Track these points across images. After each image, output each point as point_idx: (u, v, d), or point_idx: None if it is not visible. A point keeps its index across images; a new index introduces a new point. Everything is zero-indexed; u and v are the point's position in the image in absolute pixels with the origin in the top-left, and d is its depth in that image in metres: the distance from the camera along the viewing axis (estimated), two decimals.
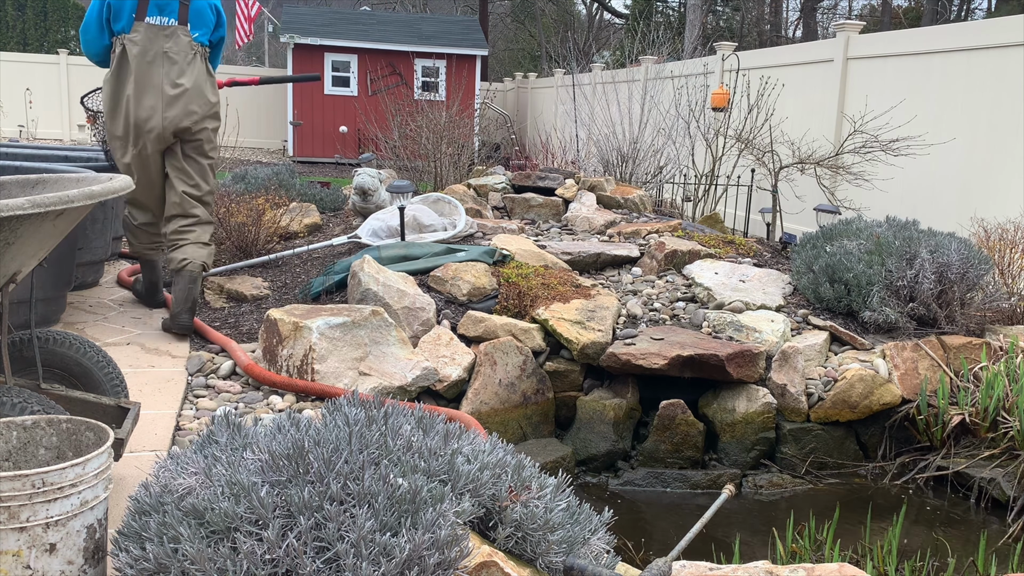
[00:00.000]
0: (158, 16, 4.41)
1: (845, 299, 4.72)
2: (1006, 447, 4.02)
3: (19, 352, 2.65)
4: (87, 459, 1.94)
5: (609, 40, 31.11)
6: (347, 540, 1.73)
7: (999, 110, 6.33)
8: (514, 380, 4.20)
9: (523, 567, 2.00)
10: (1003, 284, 4.98)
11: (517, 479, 2.09)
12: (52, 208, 2.13)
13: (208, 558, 1.72)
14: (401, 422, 2.15)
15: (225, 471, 1.91)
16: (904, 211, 6.03)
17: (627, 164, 8.43)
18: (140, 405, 2.72)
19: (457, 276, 4.70)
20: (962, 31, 7.09)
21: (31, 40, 23.77)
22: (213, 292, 5.19)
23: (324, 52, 17.60)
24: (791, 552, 3.35)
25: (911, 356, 4.45)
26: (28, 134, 17.60)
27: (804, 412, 4.30)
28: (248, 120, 14.44)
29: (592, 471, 4.26)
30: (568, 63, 13.79)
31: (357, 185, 6.63)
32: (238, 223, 5.59)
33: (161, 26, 4.40)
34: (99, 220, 5.10)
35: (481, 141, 14.38)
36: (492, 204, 6.64)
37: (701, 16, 19.29)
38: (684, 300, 4.99)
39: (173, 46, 4.41)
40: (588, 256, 5.34)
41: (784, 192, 7.32)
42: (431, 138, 8.40)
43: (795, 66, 8.93)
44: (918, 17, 24.43)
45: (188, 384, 3.80)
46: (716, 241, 5.72)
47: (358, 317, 3.95)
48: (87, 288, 5.29)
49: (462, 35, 18.62)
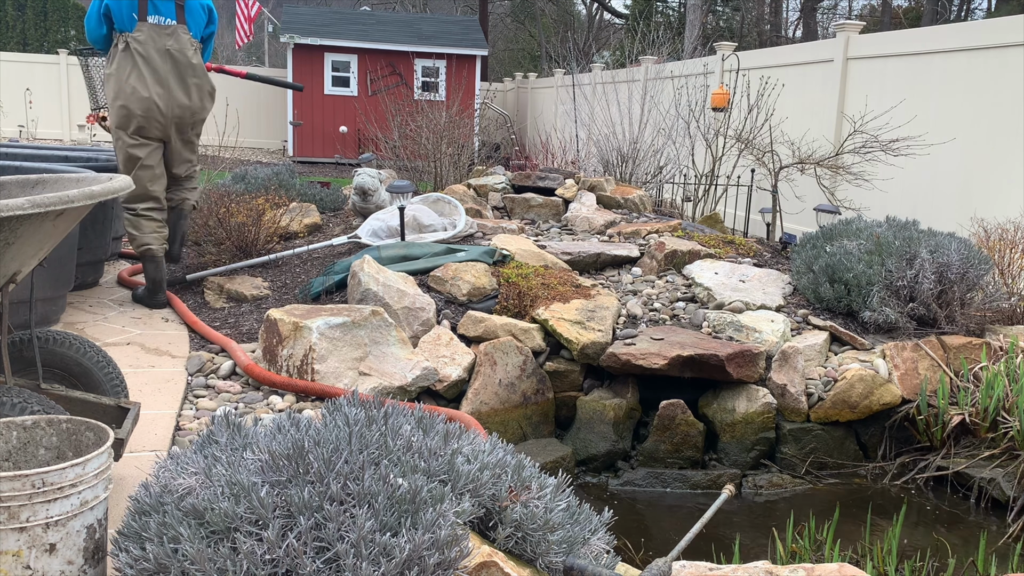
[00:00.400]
0: (157, 16, 4.73)
1: (845, 299, 4.72)
2: (1006, 447, 4.02)
3: (19, 352, 2.65)
4: (87, 459, 1.94)
5: (609, 40, 31.10)
6: (347, 540, 1.73)
7: (999, 110, 6.34)
8: (514, 380, 4.20)
9: (523, 567, 2.00)
10: (1003, 284, 4.98)
11: (517, 479, 2.09)
12: (52, 208, 2.13)
13: (208, 558, 1.72)
14: (401, 422, 2.15)
15: (225, 471, 1.91)
16: (904, 211, 6.03)
17: (627, 164, 8.43)
18: (140, 405, 2.72)
19: (457, 276, 4.70)
20: (962, 31, 7.09)
21: (31, 40, 23.78)
22: (213, 292, 5.19)
23: (324, 52, 17.60)
24: (791, 552, 3.35)
25: (911, 356, 4.45)
26: (28, 134, 17.60)
27: (804, 412, 4.30)
28: (248, 120, 14.44)
29: (592, 471, 4.26)
30: (568, 63, 13.80)
31: (357, 185, 6.63)
32: (238, 223, 5.58)
33: (162, 25, 4.74)
34: (99, 220, 5.10)
35: (481, 141, 14.38)
36: (492, 204, 6.64)
37: (701, 16, 19.30)
38: (684, 300, 4.99)
39: (175, 43, 4.76)
40: (588, 256, 5.34)
41: (784, 192, 7.32)
42: (431, 138, 8.40)
43: (795, 66, 8.93)
44: (918, 17, 24.43)
45: (188, 384, 3.80)
46: (716, 241, 5.72)
47: (358, 317, 3.95)
48: (87, 288, 5.29)
49: (462, 35, 18.62)
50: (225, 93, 9.23)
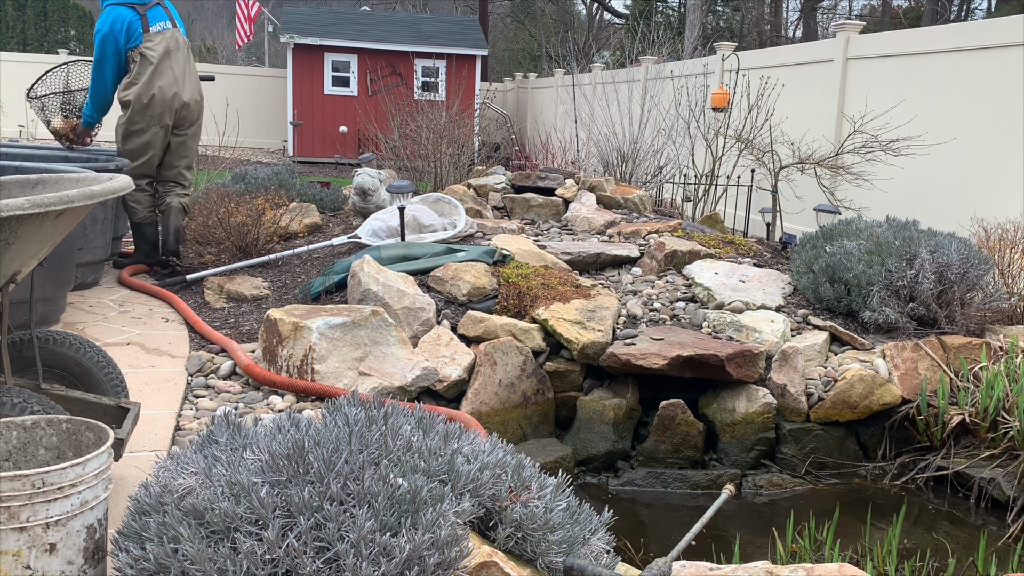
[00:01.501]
0: (157, 23, 5.51)
1: (845, 299, 4.72)
2: (1006, 447, 4.02)
3: (19, 352, 2.65)
4: (87, 459, 1.94)
5: (609, 40, 31.10)
6: (347, 540, 1.73)
7: (999, 110, 6.34)
8: (514, 380, 4.20)
9: (523, 567, 2.00)
10: (1003, 284, 4.98)
11: (517, 479, 2.09)
12: (52, 208, 2.13)
13: (208, 558, 1.72)
14: (401, 422, 2.15)
15: (225, 471, 1.91)
16: (904, 211, 6.03)
17: (627, 164, 8.43)
18: (140, 405, 2.72)
19: (457, 276, 4.70)
20: (962, 31, 7.09)
21: (31, 40, 23.77)
22: (213, 292, 5.19)
23: (324, 52, 17.59)
24: (791, 552, 3.35)
25: (911, 356, 4.45)
26: (28, 134, 17.58)
27: (804, 412, 4.30)
28: (248, 120, 14.44)
29: (592, 471, 4.26)
30: (568, 63, 13.80)
31: (357, 185, 6.63)
32: (238, 223, 5.58)
33: (163, 31, 5.52)
34: (99, 220, 5.10)
35: (481, 141, 14.38)
36: (492, 204, 6.64)
37: (701, 16, 19.30)
38: (684, 300, 4.99)
39: (175, 44, 5.54)
40: (588, 256, 5.34)
41: (784, 192, 7.32)
42: (431, 138, 8.40)
43: (795, 66, 8.93)
44: (918, 17, 24.43)
45: (188, 384, 3.80)
46: (716, 241, 5.72)
47: (358, 317, 3.95)
48: (87, 288, 5.29)
49: (462, 35, 18.61)
50: (225, 93, 9.22)
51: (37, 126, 18.10)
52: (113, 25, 5.38)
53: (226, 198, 5.96)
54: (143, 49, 5.39)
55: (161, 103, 5.42)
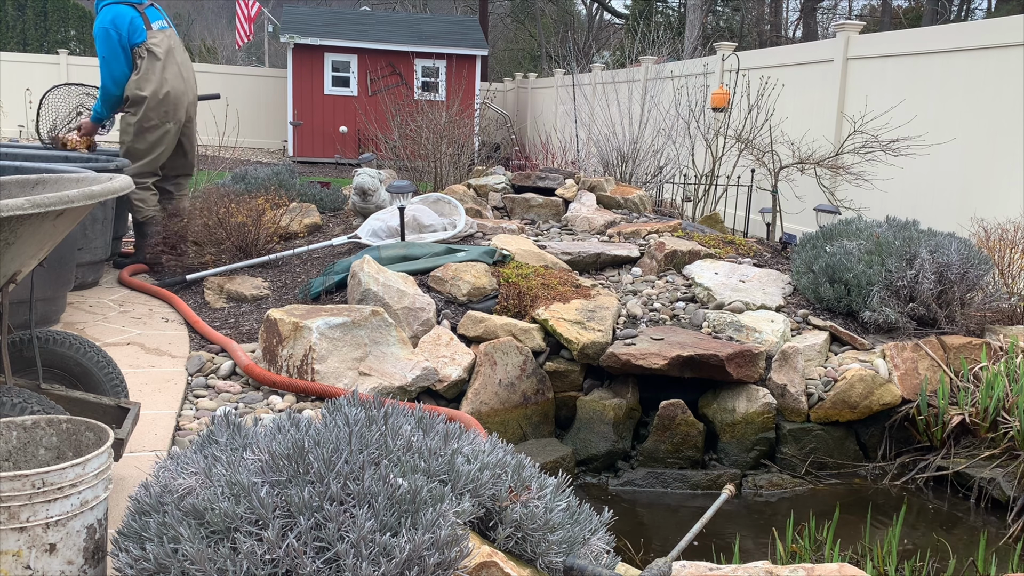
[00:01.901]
0: (157, 21, 5.68)
1: (845, 299, 4.72)
2: (1006, 447, 4.02)
3: (19, 352, 2.65)
4: (87, 459, 1.94)
5: (609, 40, 31.10)
6: (347, 540, 1.73)
7: (999, 110, 6.33)
8: (514, 380, 4.20)
9: (523, 567, 2.00)
10: (1003, 284, 4.98)
11: (517, 479, 2.09)
12: (52, 208, 2.13)
13: (208, 558, 1.72)
14: (401, 422, 2.15)
15: (225, 471, 1.91)
16: (904, 211, 6.03)
17: (627, 164, 8.43)
18: (140, 405, 2.72)
19: (457, 276, 4.70)
20: (962, 31, 7.09)
21: (31, 40, 23.77)
22: (213, 292, 5.19)
23: (324, 52, 17.59)
24: (791, 552, 3.35)
25: (911, 356, 4.45)
26: (28, 134, 17.59)
27: (804, 412, 4.30)
28: (248, 120, 14.43)
29: (592, 471, 4.26)
30: (568, 63, 13.80)
31: (357, 185, 6.63)
32: (238, 223, 5.58)
33: (163, 29, 5.68)
34: (99, 220, 5.10)
35: (481, 141, 14.37)
36: (492, 204, 6.64)
37: (701, 16, 19.30)
38: (684, 300, 4.99)
39: (175, 41, 5.77)
40: (588, 256, 5.34)
41: (784, 192, 7.32)
42: (431, 138, 8.40)
43: (795, 66, 8.92)
44: (918, 17, 24.44)
45: (188, 384, 3.80)
46: (716, 241, 5.72)
47: (358, 317, 3.95)
48: (87, 288, 5.29)
49: (462, 35, 18.61)
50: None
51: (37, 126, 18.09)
52: (115, 20, 5.49)
53: (226, 198, 5.96)
54: (149, 46, 5.55)
55: (175, 98, 5.63)
